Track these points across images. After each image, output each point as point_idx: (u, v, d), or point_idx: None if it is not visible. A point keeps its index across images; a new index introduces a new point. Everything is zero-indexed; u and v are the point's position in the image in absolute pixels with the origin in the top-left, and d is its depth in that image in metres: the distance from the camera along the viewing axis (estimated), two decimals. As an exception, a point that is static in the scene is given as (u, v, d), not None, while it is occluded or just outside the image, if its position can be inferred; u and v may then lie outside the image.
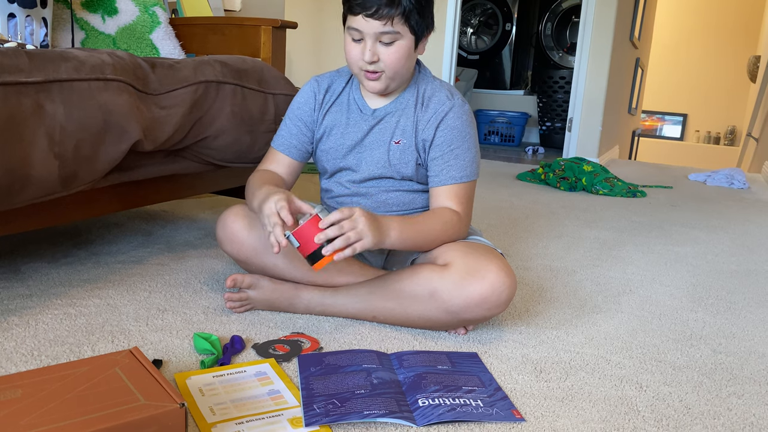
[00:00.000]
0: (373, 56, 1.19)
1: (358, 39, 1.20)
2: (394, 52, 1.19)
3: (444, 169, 1.26)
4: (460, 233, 1.27)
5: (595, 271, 1.74)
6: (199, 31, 1.90)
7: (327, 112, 1.33)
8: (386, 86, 1.25)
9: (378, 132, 1.30)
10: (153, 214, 2.07)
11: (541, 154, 4.84)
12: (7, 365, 1.01)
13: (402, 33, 1.18)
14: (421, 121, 1.27)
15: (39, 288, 1.35)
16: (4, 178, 1.00)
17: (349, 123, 1.31)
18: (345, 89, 1.34)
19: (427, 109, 1.27)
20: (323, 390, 0.96)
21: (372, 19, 1.16)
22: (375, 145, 1.30)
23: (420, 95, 1.29)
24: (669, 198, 3.12)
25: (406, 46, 1.20)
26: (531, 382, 1.06)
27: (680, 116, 7.94)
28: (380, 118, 1.30)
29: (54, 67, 1.09)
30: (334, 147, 1.32)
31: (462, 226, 1.27)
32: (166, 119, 1.30)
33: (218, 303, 1.33)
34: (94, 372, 0.82)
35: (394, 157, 1.28)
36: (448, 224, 1.24)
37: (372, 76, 1.22)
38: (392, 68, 1.21)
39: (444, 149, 1.26)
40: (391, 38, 1.18)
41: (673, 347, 1.25)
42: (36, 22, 1.47)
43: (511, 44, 5.71)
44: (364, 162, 1.31)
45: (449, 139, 1.26)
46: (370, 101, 1.31)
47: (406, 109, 1.29)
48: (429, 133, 1.27)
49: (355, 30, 1.19)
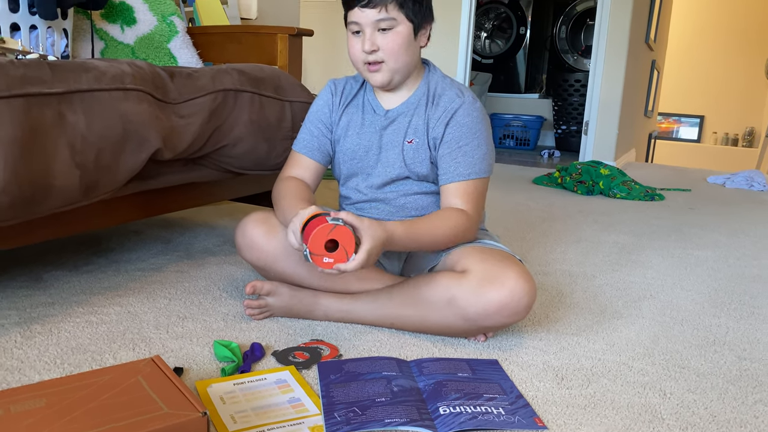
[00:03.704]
0: (372, 45, 1.21)
1: (357, 32, 1.23)
2: (392, 39, 1.21)
3: (451, 166, 1.26)
4: (468, 232, 1.25)
5: (615, 276, 1.72)
6: (216, 40, 1.92)
7: (343, 112, 1.35)
8: (390, 78, 1.25)
9: (392, 133, 1.31)
10: (171, 221, 2.08)
11: (557, 158, 4.81)
12: (31, 373, 1.02)
13: (398, 19, 1.21)
14: (432, 119, 1.28)
15: (61, 296, 1.36)
16: (28, 188, 1.01)
17: (364, 123, 1.33)
18: (360, 91, 1.36)
19: (438, 107, 1.28)
20: (344, 398, 0.96)
21: (367, 9, 1.19)
22: (390, 146, 1.31)
23: (431, 93, 1.30)
24: (687, 201, 3.09)
25: (404, 33, 1.22)
26: (552, 390, 1.05)
27: (697, 118, 7.86)
28: (393, 118, 1.31)
29: (75, 77, 1.10)
30: (351, 148, 1.33)
31: (470, 225, 1.25)
32: (186, 128, 1.31)
33: (237, 310, 1.33)
34: (117, 381, 0.83)
35: (408, 157, 1.29)
36: (454, 226, 1.22)
37: (373, 68, 1.24)
38: (392, 56, 1.22)
39: (452, 146, 1.26)
40: (388, 25, 1.21)
41: (697, 353, 1.23)
42: (57, 33, 1.49)
43: (525, 48, 5.70)
44: (380, 164, 1.31)
45: (458, 136, 1.26)
46: (384, 102, 1.32)
47: (418, 108, 1.30)
48: (439, 130, 1.27)
49: (353, 23, 1.23)
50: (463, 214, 1.24)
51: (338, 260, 1.06)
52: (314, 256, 1.06)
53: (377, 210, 1.34)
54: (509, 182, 3.40)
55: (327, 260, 1.06)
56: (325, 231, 1.06)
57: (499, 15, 5.73)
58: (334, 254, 1.06)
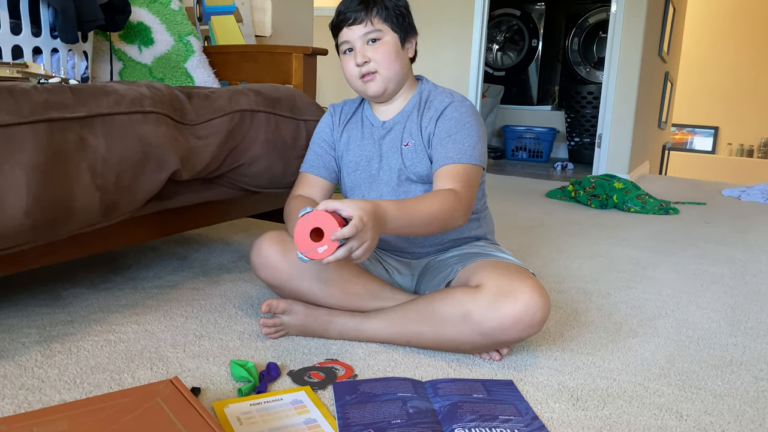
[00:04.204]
0: (364, 57, 1.31)
1: (349, 49, 1.33)
2: (381, 48, 1.31)
3: (441, 152, 1.30)
4: (459, 212, 1.23)
5: (630, 294, 1.72)
6: (232, 59, 1.94)
7: (344, 129, 1.44)
8: (384, 87, 1.34)
9: (390, 141, 1.38)
10: (187, 237, 2.11)
11: (570, 170, 4.80)
12: (51, 393, 1.04)
13: (383, 30, 1.31)
14: (425, 119, 1.35)
15: (79, 314, 1.38)
16: (50, 211, 1.03)
17: (364, 136, 1.41)
18: (357, 109, 1.46)
19: (429, 109, 1.36)
20: (359, 419, 0.96)
21: (354, 26, 1.30)
22: (389, 152, 1.38)
23: (422, 100, 1.38)
24: (702, 215, 3.07)
25: (391, 42, 1.32)
26: (568, 411, 1.05)
27: (711, 129, 7.82)
28: (390, 128, 1.39)
29: (96, 101, 1.13)
30: (354, 159, 1.41)
31: (460, 204, 1.23)
32: (203, 149, 1.33)
33: (253, 328, 1.35)
34: (137, 403, 0.84)
35: (407, 159, 1.35)
36: (443, 203, 1.20)
37: (368, 78, 1.32)
38: (383, 65, 1.31)
39: (442, 136, 1.31)
40: (376, 35, 1.31)
41: (713, 374, 1.23)
42: (77, 56, 1.52)
43: (537, 60, 5.71)
44: (382, 171, 1.38)
45: (447, 127, 1.31)
46: (380, 115, 1.41)
47: (411, 115, 1.37)
48: (431, 128, 1.34)
49: (344, 43, 1.33)
50: (452, 193, 1.23)
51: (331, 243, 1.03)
52: (307, 253, 1.03)
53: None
54: (523, 195, 3.40)
55: (321, 249, 1.03)
56: (301, 224, 1.04)
57: (511, 27, 5.75)
58: (323, 241, 1.03)
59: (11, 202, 0.97)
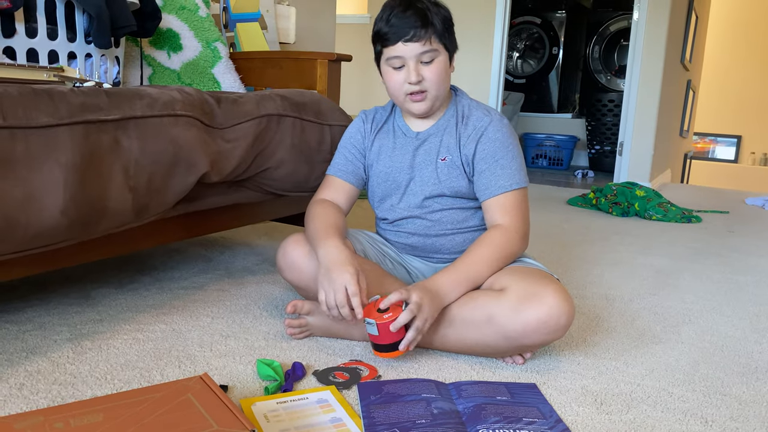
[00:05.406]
0: (419, 76, 1.27)
1: (399, 66, 1.29)
2: (435, 69, 1.28)
3: (491, 180, 1.30)
4: (514, 247, 1.28)
5: (653, 300, 1.71)
6: (257, 65, 1.98)
7: (375, 137, 1.42)
8: (431, 106, 1.32)
9: (424, 153, 1.36)
10: (212, 240, 2.14)
11: (591, 178, 4.78)
12: (84, 388, 1.06)
13: (439, 50, 1.28)
14: (463, 136, 1.34)
15: (108, 313, 1.41)
16: (85, 210, 1.06)
17: (396, 146, 1.39)
18: (389, 118, 1.43)
19: (467, 125, 1.34)
20: (385, 419, 0.98)
21: (411, 43, 1.25)
22: (423, 165, 1.36)
23: (459, 114, 1.36)
24: (726, 223, 3.04)
25: (444, 62, 1.30)
26: (592, 415, 1.05)
27: (734, 138, 7.73)
28: (424, 139, 1.37)
29: (130, 104, 1.16)
30: (384, 170, 1.39)
31: (514, 239, 1.28)
32: (231, 152, 1.35)
33: (278, 329, 1.36)
34: (169, 397, 0.86)
35: (443, 174, 1.34)
36: (492, 245, 1.26)
37: (417, 97, 1.30)
38: (435, 85, 1.29)
39: (489, 162, 1.31)
40: (431, 56, 1.27)
41: (738, 380, 1.22)
42: (110, 61, 1.56)
43: (558, 67, 5.69)
44: (413, 182, 1.36)
45: (492, 151, 1.31)
46: (413, 125, 1.39)
47: (448, 128, 1.36)
48: (470, 148, 1.32)
49: (395, 58, 1.28)
50: (498, 230, 1.28)
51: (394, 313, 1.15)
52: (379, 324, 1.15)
53: (414, 225, 1.37)
54: (543, 202, 3.39)
55: (387, 316, 1.15)
56: (369, 307, 1.18)
57: (531, 35, 5.75)
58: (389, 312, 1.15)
59: (49, 201, 1.00)
